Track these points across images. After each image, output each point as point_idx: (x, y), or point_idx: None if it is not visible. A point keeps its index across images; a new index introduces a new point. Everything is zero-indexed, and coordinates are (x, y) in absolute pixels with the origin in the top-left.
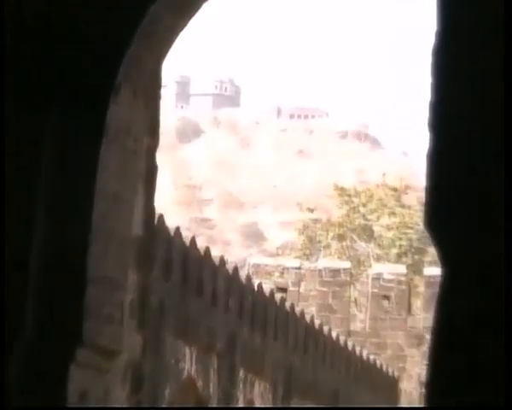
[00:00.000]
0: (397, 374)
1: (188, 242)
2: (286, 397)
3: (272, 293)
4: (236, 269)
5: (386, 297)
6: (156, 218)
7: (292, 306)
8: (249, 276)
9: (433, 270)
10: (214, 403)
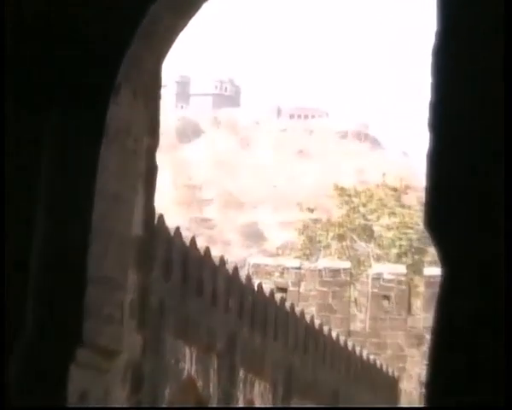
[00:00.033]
0: (397, 374)
1: (188, 242)
2: (286, 397)
3: (272, 293)
4: (236, 269)
5: (386, 297)
6: (156, 218)
7: (292, 306)
8: (249, 276)
9: (433, 270)
10: (214, 403)
